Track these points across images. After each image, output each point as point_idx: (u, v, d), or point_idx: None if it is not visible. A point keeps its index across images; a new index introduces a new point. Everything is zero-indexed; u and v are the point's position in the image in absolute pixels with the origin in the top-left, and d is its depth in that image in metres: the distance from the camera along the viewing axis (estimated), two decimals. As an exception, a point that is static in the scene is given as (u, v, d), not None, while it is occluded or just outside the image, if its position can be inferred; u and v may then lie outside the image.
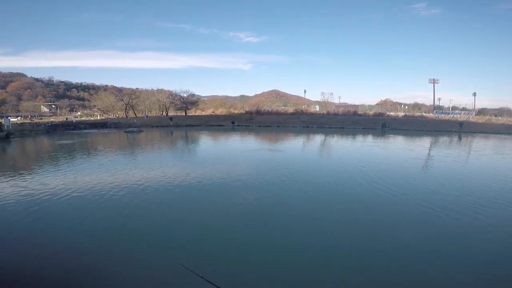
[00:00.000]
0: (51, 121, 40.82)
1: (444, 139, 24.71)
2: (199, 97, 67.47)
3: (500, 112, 60.83)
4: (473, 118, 45.05)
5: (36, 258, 4.39)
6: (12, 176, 9.63)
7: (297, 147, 19.23)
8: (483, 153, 16.62)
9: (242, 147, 18.51)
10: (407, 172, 10.60)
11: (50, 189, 7.93)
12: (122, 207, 6.61)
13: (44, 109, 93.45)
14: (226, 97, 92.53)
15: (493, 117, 48.27)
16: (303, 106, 68.43)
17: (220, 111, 55.30)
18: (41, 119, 54.40)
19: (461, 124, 34.67)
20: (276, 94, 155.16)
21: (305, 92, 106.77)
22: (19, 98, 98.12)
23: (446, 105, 68.94)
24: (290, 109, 57.38)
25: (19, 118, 60.07)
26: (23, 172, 10.37)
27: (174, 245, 4.86)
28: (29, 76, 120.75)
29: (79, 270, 4.06)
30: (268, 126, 39.06)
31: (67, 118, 51.12)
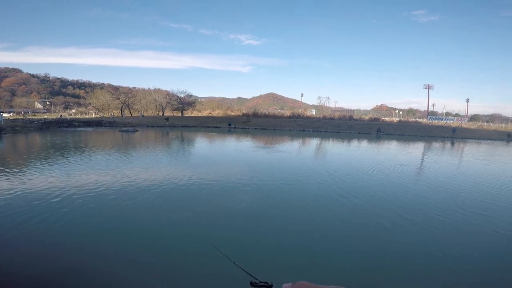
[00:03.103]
0: (45, 118, 40.28)
1: (437, 145, 25.05)
2: (196, 98, 67.44)
3: (492, 118, 62.06)
4: (465, 124, 45.82)
5: (24, 258, 4.32)
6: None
7: (294, 150, 19.29)
8: (472, 159, 16.88)
9: (237, 148, 18.50)
10: (403, 176, 10.72)
11: (36, 188, 7.82)
12: (113, 208, 6.54)
13: (38, 105, 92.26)
14: (224, 99, 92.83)
15: (485, 123, 49.21)
16: (300, 110, 68.71)
17: (217, 112, 55.20)
18: (34, 115, 53.62)
19: (454, 130, 35.21)
20: (273, 97, 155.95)
21: (302, 96, 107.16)
22: (13, 94, 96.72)
23: (440, 111, 70.06)
24: (287, 113, 57.58)
25: (11, 114, 59.18)
26: (11, 169, 10.21)
27: (168, 245, 4.80)
28: (25, 72, 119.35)
29: (64, 271, 4.00)
30: (264, 129, 39.10)
31: (61, 116, 50.42)
